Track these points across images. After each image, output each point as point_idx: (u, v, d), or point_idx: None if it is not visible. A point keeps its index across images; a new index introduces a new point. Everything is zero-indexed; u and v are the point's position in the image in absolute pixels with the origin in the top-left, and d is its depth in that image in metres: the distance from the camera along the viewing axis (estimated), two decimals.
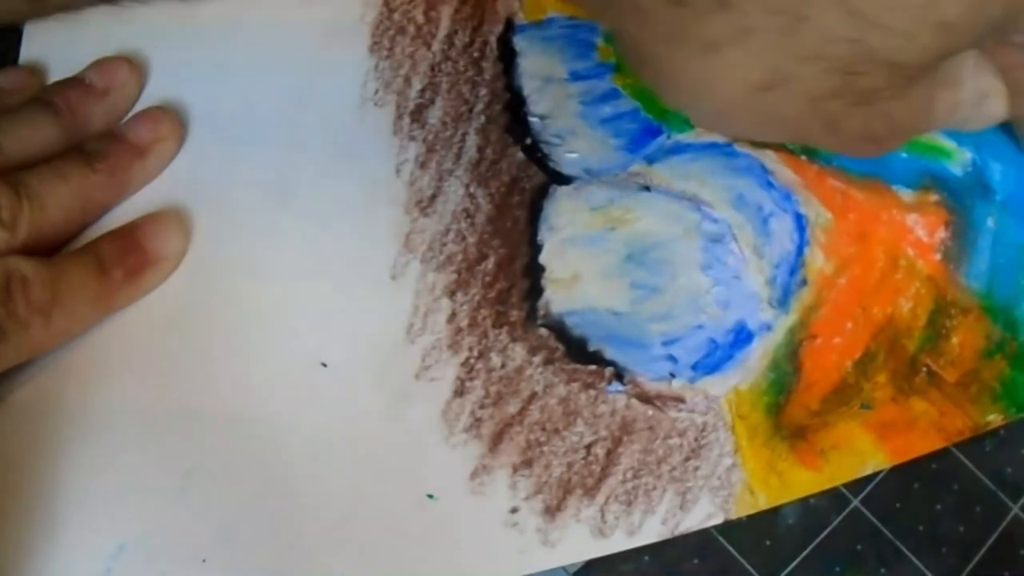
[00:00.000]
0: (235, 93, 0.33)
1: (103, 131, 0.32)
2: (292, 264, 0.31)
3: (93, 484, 0.29)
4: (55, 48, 0.34)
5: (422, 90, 0.34)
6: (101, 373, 0.30)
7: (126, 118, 0.33)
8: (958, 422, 0.30)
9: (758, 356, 0.30)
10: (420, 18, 0.34)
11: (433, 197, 0.32)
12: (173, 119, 0.32)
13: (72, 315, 0.29)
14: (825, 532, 0.30)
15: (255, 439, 0.29)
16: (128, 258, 0.30)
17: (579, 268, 0.32)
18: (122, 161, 0.31)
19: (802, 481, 0.29)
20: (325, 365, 0.30)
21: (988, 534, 0.30)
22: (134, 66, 0.33)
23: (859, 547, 0.30)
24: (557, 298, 0.31)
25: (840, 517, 0.30)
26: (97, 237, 0.30)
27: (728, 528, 0.29)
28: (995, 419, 0.30)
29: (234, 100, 0.33)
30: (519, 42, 0.34)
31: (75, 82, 0.32)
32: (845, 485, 0.30)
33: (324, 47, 0.34)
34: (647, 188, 0.32)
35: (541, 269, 0.32)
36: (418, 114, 0.33)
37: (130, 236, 0.31)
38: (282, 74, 0.33)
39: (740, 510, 0.29)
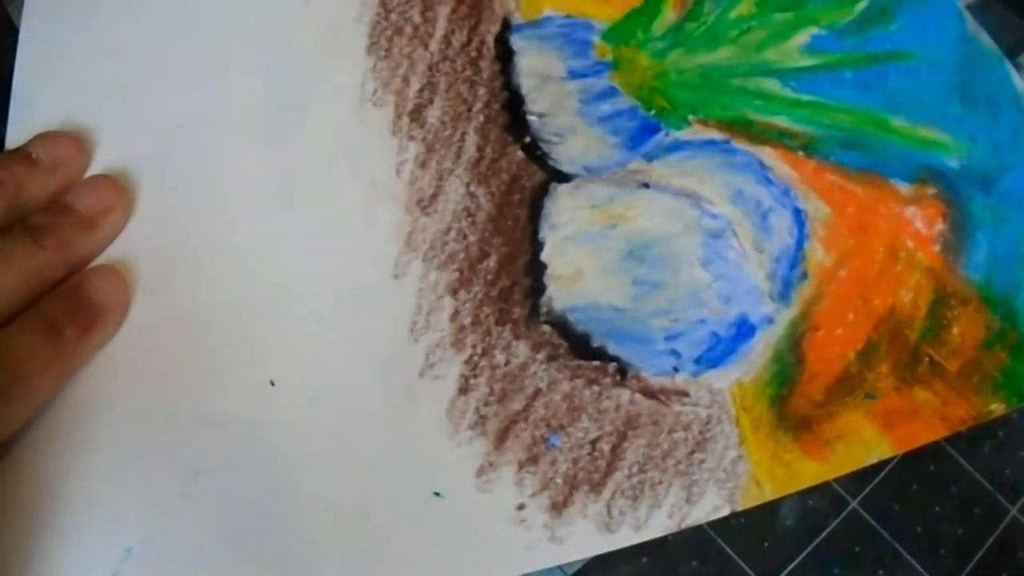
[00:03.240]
0: (234, 94, 0.33)
1: (48, 203, 0.30)
2: (294, 265, 0.31)
3: (100, 487, 0.28)
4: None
5: (420, 90, 0.34)
6: (106, 375, 0.30)
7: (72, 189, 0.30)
8: (961, 411, 0.30)
9: (761, 349, 0.31)
10: (417, 18, 0.34)
11: (434, 196, 0.32)
12: (119, 188, 0.31)
13: (31, 391, 0.28)
14: (824, 534, 0.30)
15: (260, 440, 0.29)
16: (78, 315, 0.29)
17: (580, 265, 0.32)
18: (72, 236, 0.29)
19: (808, 472, 0.29)
20: (330, 364, 0.30)
21: (986, 536, 0.30)
22: (81, 142, 0.31)
23: (857, 548, 0.30)
24: (559, 295, 0.31)
25: (839, 519, 0.30)
26: (42, 300, 0.28)
27: (727, 530, 0.29)
28: (997, 408, 0.30)
29: (233, 101, 0.33)
30: (516, 41, 0.34)
31: (20, 155, 0.30)
32: (844, 487, 0.30)
33: (322, 48, 0.34)
34: (646, 185, 0.32)
35: (543, 266, 0.32)
36: (417, 114, 0.33)
37: (77, 293, 0.29)
38: (280, 75, 0.33)
39: (747, 501, 0.29)
